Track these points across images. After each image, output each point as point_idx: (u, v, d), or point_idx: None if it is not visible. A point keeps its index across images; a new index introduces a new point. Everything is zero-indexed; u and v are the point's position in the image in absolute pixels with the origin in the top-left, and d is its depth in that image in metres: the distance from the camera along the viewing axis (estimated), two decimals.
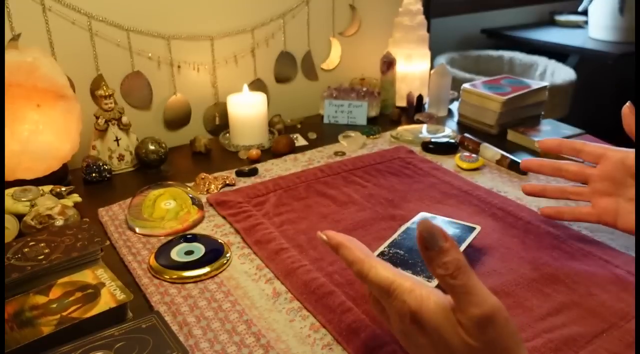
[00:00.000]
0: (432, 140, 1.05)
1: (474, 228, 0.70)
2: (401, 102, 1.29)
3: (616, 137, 1.07)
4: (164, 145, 0.99)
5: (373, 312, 0.49)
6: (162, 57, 1.07)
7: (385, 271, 0.44)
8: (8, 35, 0.92)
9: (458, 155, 0.98)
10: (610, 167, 0.67)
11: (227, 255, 0.72)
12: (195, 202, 0.83)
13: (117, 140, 0.98)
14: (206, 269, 0.68)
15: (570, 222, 0.76)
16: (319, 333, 0.58)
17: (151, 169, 1.00)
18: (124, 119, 0.98)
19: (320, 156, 1.03)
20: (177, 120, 1.13)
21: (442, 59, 2.17)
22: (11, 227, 0.75)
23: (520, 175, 0.93)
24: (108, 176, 0.95)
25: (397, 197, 0.86)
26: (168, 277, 0.67)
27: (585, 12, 2.33)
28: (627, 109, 0.66)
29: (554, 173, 0.73)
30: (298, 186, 0.90)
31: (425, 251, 0.40)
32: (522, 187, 0.77)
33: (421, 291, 0.42)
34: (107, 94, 0.95)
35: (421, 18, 1.26)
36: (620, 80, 2.42)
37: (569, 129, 1.09)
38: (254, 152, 1.01)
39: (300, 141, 1.11)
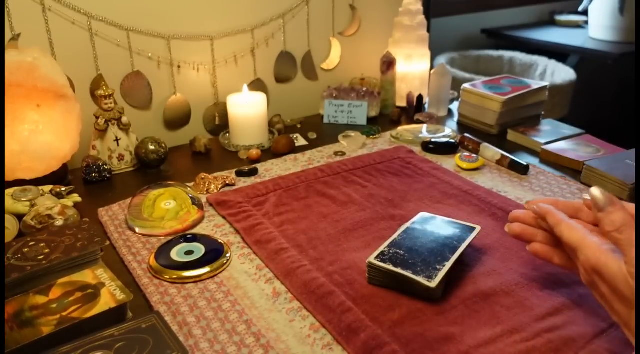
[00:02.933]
0: (432, 140, 1.05)
1: (474, 228, 0.70)
2: (401, 102, 1.29)
3: (616, 137, 1.07)
4: (164, 145, 0.99)
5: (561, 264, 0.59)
6: (162, 57, 1.07)
7: (577, 232, 0.53)
8: (8, 35, 0.92)
9: (458, 155, 0.98)
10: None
11: (227, 255, 0.72)
12: (195, 202, 0.83)
13: (117, 140, 0.98)
14: (206, 269, 0.68)
15: None
16: (319, 333, 0.58)
17: (151, 169, 1.00)
18: (124, 119, 0.98)
19: (320, 156, 1.03)
20: (177, 120, 1.13)
21: (442, 59, 2.17)
22: (11, 227, 0.75)
23: (521, 175, 0.93)
24: (108, 176, 0.95)
25: (397, 197, 0.86)
26: (168, 277, 0.67)
27: (585, 12, 2.33)
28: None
29: (548, 227, 0.60)
30: (298, 186, 0.90)
31: (597, 213, 0.50)
32: (511, 230, 0.64)
33: (602, 247, 0.50)
34: (107, 94, 0.95)
35: (421, 18, 1.26)
36: (620, 80, 2.42)
37: (569, 129, 1.09)
38: (254, 152, 1.01)
39: (300, 141, 1.11)
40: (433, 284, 0.59)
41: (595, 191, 0.51)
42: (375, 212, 0.81)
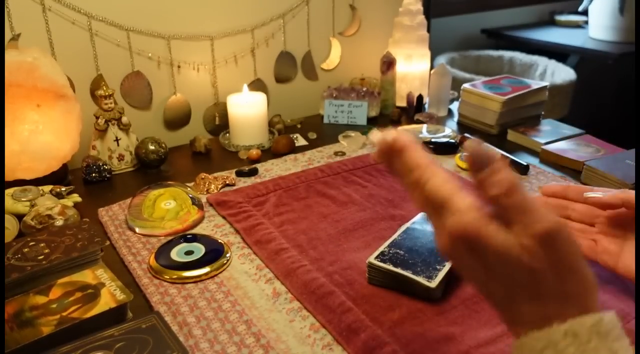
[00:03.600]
0: (432, 140, 1.05)
1: None
2: (401, 102, 1.29)
3: (616, 137, 1.07)
4: (164, 145, 0.99)
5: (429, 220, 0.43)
6: (162, 57, 1.07)
7: (446, 185, 0.40)
8: (8, 35, 0.92)
9: (458, 155, 0.98)
10: (619, 212, 0.62)
11: (227, 255, 0.72)
12: (195, 202, 0.83)
13: (117, 140, 0.98)
14: (206, 269, 0.68)
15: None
16: (319, 333, 0.58)
17: (151, 169, 1.00)
18: (124, 119, 0.98)
19: (320, 156, 1.03)
20: (177, 120, 1.13)
21: (442, 59, 2.17)
22: (11, 227, 0.75)
23: (521, 175, 0.93)
24: (108, 176, 0.95)
25: (397, 197, 0.86)
26: (168, 277, 0.67)
27: (585, 12, 2.33)
28: None
29: (559, 212, 0.66)
30: (298, 186, 0.90)
31: (476, 174, 0.38)
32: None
33: (480, 212, 0.38)
34: (107, 94, 0.95)
35: (421, 18, 1.26)
36: (620, 80, 2.42)
37: (569, 129, 1.09)
38: (254, 152, 1.01)
39: (300, 141, 1.11)
40: (433, 284, 0.59)
41: (474, 144, 0.38)
42: (375, 212, 0.81)
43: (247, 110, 1.05)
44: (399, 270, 0.62)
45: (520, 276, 0.37)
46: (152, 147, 0.97)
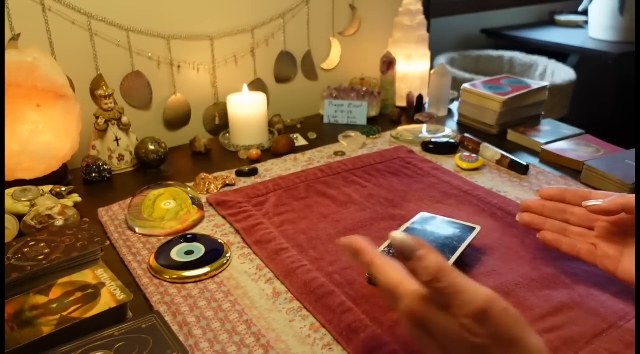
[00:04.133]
0: (432, 140, 1.05)
1: (474, 228, 0.70)
2: (401, 102, 1.29)
3: (616, 137, 1.07)
4: (164, 145, 0.99)
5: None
6: (162, 57, 1.07)
7: (393, 274, 0.44)
8: (8, 35, 0.92)
9: (458, 155, 0.98)
10: (619, 216, 0.61)
11: (227, 255, 0.72)
12: (195, 202, 0.83)
13: (117, 140, 0.98)
14: (206, 269, 0.68)
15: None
16: (319, 333, 0.58)
17: (151, 169, 1.00)
18: (124, 119, 0.98)
19: (320, 156, 1.03)
20: (177, 120, 1.13)
21: (442, 59, 2.17)
22: (11, 227, 0.75)
23: (521, 175, 0.93)
24: (108, 176, 0.95)
25: (397, 197, 0.86)
26: (168, 277, 0.67)
27: (585, 12, 2.33)
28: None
29: (557, 216, 0.67)
30: (298, 186, 0.90)
31: (406, 263, 0.41)
32: (521, 219, 0.70)
33: (425, 297, 0.42)
34: (107, 94, 0.95)
35: (421, 18, 1.26)
36: (620, 80, 2.43)
37: (569, 129, 1.09)
38: (254, 152, 1.01)
39: (300, 141, 1.11)
40: None
41: (397, 235, 0.41)
42: (375, 212, 0.81)
43: (247, 110, 1.05)
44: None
45: (468, 352, 0.40)
46: (152, 147, 0.97)
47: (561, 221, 0.67)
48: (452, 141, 1.05)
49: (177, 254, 0.71)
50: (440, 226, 0.71)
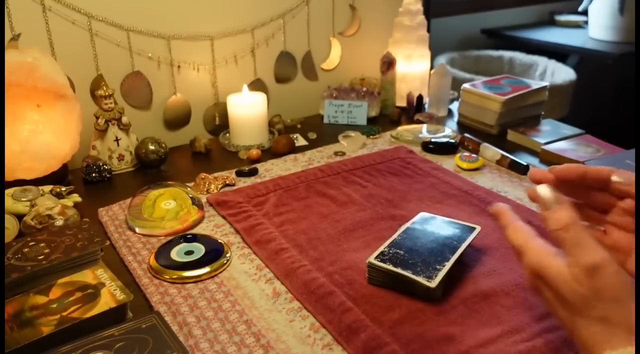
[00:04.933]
0: (432, 140, 1.05)
1: (474, 228, 0.70)
2: (401, 102, 1.29)
3: (616, 137, 1.07)
4: (164, 145, 0.99)
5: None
6: (162, 57, 1.07)
7: (521, 234, 0.49)
8: (8, 35, 0.92)
9: (458, 155, 0.98)
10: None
11: (227, 255, 0.72)
12: (195, 202, 0.83)
13: (117, 140, 0.98)
14: (206, 269, 0.68)
15: None
16: (319, 333, 0.58)
17: (151, 169, 1.00)
18: (124, 119, 0.98)
19: (320, 156, 1.03)
20: (177, 120, 1.13)
21: (442, 59, 2.17)
22: (11, 227, 0.75)
23: (521, 175, 0.93)
24: (108, 176, 0.95)
25: (397, 197, 0.86)
26: (168, 277, 0.67)
27: (585, 12, 2.33)
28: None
29: (575, 198, 0.58)
30: (298, 186, 0.90)
31: (544, 211, 0.47)
32: (529, 194, 0.66)
33: (544, 250, 0.46)
34: (107, 94, 0.95)
35: (421, 18, 1.26)
36: (620, 80, 2.42)
37: (569, 129, 1.09)
38: (254, 152, 1.01)
39: (300, 141, 1.11)
40: (433, 284, 0.59)
41: (543, 189, 0.48)
42: (375, 212, 0.81)
43: (247, 110, 1.05)
44: (398, 270, 0.62)
45: (574, 302, 0.43)
46: (152, 147, 0.97)
47: (577, 203, 0.58)
48: (452, 141, 1.04)
49: (177, 254, 0.71)
50: (440, 226, 0.71)
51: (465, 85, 1.17)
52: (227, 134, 1.11)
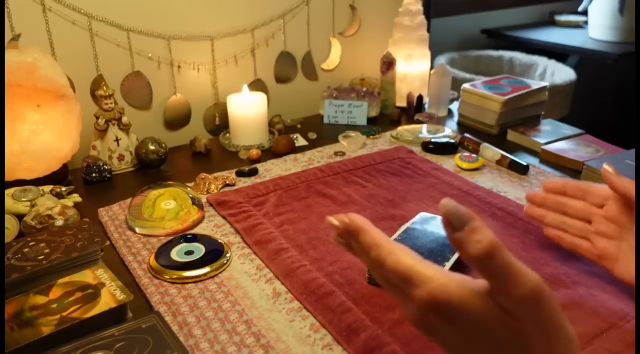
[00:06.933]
0: (432, 140, 1.05)
1: None
2: (401, 102, 1.29)
3: (616, 137, 1.07)
4: (164, 145, 0.99)
5: (394, 300, 0.42)
6: (162, 57, 1.08)
7: (406, 258, 0.39)
8: (8, 35, 0.92)
9: (458, 155, 0.98)
10: (616, 210, 0.62)
11: (227, 255, 0.72)
12: (195, 202, 0.83)
13: (117, 140, 0.98)
14: (206, 269, 0.68)
15: None
16: (319, 333, 0.58)
17: (151, 169, 1.00)
18: (124, 119, 0.98)
19: (320, 156, 1.03)
20: (177, 120, 1.13)
21: (442, 59, 2.17)
22: (11, 227, 0.75)
23: (521, 175, 0.93)
24: (108, 176, 0.95)
25: (397, 197, 0.86)
26: (168, 277, 0.67)
27: (585, 12, 2.33)
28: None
29: (557, 208, 0.68)
30: (298, 186, 0.90)
31: (453, 233, 0.35)
32: (525, 210, 0.72)
33: (447, 278, 0.36)
34: (107, 94, 0.95)
35: (421, 18, 1.26)
36: (620, 80, 2.43)
37: (569, 129, 1.09)
38: (254, 152, 1.01)
39: (300, 141, 1.11)
40: None
41: (449, 201, 0.36)
42: (375, 212, 0.81)
43: (247, 110, 1.05)
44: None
45: (505, 342, 0.35)
46: (152, 147, 0.97)
47: (560, 213, 0.68)
48: (452, 141, 1.05)
49: (177, 254, 0.71)
50: (440, 226, 0.71)
51: (465, 86, 1.17)
52: (227, 134, 1.11)
